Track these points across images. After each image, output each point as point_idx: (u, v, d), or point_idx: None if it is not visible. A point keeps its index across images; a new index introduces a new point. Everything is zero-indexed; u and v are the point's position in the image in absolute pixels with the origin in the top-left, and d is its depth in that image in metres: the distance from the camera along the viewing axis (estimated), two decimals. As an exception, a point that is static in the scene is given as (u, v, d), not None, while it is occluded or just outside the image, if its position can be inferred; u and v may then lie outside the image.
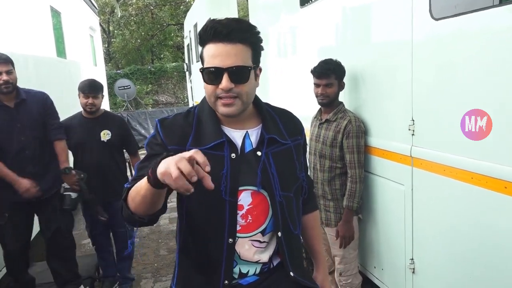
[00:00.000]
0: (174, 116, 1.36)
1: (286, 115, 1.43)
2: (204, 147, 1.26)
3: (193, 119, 1.32)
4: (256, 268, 1.35)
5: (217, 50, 1.20)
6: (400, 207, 2.20)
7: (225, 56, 1.19)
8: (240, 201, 1.29)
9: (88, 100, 3.03)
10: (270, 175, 1.30)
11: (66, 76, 5.95)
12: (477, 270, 1.73)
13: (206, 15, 6.79)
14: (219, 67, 1.19)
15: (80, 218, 5.07)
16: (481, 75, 1.61)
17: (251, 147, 1.31)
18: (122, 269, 3.39)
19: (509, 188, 1.50)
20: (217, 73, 1.19)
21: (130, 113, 11.36)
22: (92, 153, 3.07)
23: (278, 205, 1.31)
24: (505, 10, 1.48)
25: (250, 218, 1.31)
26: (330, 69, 2.40)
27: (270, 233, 1.34)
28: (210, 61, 1.21)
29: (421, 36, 1.93)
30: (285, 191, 1.33)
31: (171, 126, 1.32)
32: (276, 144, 1.32)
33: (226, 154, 1.27)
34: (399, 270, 2.30)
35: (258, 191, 1.30)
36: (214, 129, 1.28)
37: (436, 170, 1.90)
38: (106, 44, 19.92)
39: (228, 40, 1.19)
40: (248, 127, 1.32)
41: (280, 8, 3.75)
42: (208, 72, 1.21)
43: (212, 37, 1.20)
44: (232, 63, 1.19)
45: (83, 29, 7.85)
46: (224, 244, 1.29)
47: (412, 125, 2.03)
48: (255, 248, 1.33)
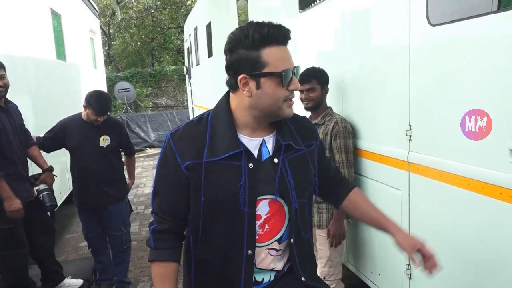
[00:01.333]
0: (184, 126, 1.32)
1: (299, 121, 1.41)
2: (221, 157, 1.24)
3: (207, 128, 1.28)
4: (270, 276, 1.35)
5: (282, 53, 1.22)
6: (397, 212, 2.20)
7: (289, 58, 1.23)
8: (258, 211, 1.28)
9: (97, 117, 3.00)
10: (287, 183, 1.29)
11: (66, 79, 5.95)
12: (473, 275, 1.73)
13: (207, 19, 6.81)
14: (291, 68, 1.22)
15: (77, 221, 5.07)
16: (478, 81, 1.61)
17: (268, 155, 1.29)
18: (119, 273, 3.38)
19: (504, 194, 1.50)
20: (292, 74, 1.22)
21: (130, 116, 11.37)
22: (89, 158, 3.06)
23: (294, 212, 1.30)
24: (501, 17, 1.49)
25: (267, 227, 1.30)
26: (310, 74, 2.48)
27: (286, 241, 1.33)
28: (281, 64, 1.20)
29: (419, 42, 1.94)
30: (300, 197, 1.32)
31: (185, 139, 1.28)
32: (292, 151, 1.31)
33: (243, 165, 1.25)
34: (395, 275, 2.29)
35: (276, 199, 1.29)
36: (231, 139, 1.25)
37: (432, 176, 1.90)
38: (107, 46, 19.95)
39: (284, 43, 1.23)
40: (264, 134, 1.30)
41: (279, 12, 3.76)
42: (286, 75, 1.21)
43: (274, 39, 1.20)
44: (294, 64, 1.24)
45: (83, 32, 7.86)
46: (243, 257, 1.27)
47: (409, 130, 2.04)
48: (272, 256, 1.32)
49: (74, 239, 4.85)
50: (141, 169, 8.47)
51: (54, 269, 3.21)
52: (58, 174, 4.94)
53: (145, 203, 5.98)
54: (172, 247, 1.33)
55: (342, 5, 2.63)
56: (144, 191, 6.73)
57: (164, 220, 1.33)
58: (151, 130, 11.12)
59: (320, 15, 2.92)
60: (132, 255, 3.63)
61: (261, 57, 1.19)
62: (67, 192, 5.32)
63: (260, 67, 1.19)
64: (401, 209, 2.17)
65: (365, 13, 2.41)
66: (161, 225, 1.33)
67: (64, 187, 5.21)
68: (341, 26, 2.71)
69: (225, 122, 1.27)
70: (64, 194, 5.22)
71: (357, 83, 2.50)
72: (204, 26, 7.02)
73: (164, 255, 1.32)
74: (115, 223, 3.20)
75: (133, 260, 3.99)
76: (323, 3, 2.83)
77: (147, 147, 10.97)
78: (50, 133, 3.16)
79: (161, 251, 1.32)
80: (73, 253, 4.44)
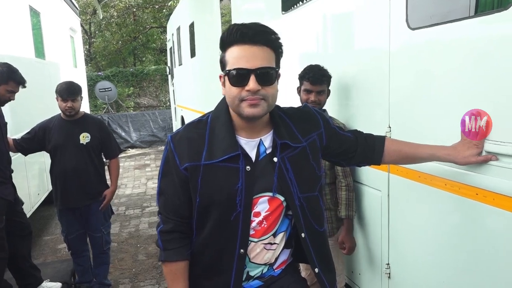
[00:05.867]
0: (184, 128, 1.36)
1: (298, 115, 1.41)
2: (218, 159, 1.26)
3: (206, 130, 1.31)
4: (263, 269, 1.39)
5: (243, 52, 1.19)
6: (377, 212, 2.24)
7: (251, 57, 1.19)
8: (256, 208, 1.30)
9: (67, 104, 2.98)
10: (288, 181, 1.31)
11: (45, 77, 5.83)
12: (451, 274, 1.76)
13: (189, 19, 6.78)
14: (247, 68, 1.18)
15: (56, 223, 4.98)
16: (455, 83, 1.65)
17: (265, 154, 1.31)
18: (99, 275, 3.34)
19: (480, 194, 1.54)
20: (245, 74, 1.18)
21: (111, 116, 11.21)
22: (70, 156, 3.02)
23: (298, 208, 1.32)
24: (477, 21, 1.53)
25: (265, 223, 1.32)
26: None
27: (281, 234, 1.37)
28: (235, 63, 1.20)
29: (398, 45, 1.97)
30: (306, 192, 1.34)
31: (184, 141, 1.31)
32: (290, 148, 1.32)
33: (241, 167, 1.27)
34: (375, 275, 2.33)
35: (274, 196, 1.31)
36: (229, 141, 1.27)
37: (411, 177, 1.93)
38: (87, 45, 19.64)
39: (254, 42, 1.19)
40: (262, 134, 1.32)
41: (262, 13, 3.78)
42: (234, 74, 1.20)
43: (239, 38, 1.19)
44: (260, 64, 1.19)
45: (63, 30, 7.72)
46: (235, 255, 1.31)
47: (389, 132, 2.07)
48: (266, 250, 1.36)
49: (52, 241, 4.75)
50: (122, 170, 8.34)
51: (31, 273, 3.14)
52: (37, 175, 4.88)
53: (126, 204, 5.90)
54: (179, 246, 1.37)
55: (324, 8, 2.66)
56: (125, 192, 6.65)
57: (169, 220, 1.37)
58: (133, 131, 10.99)
59: (302, 17, 2.94)
60: (112, 256, 3.59)
61: (225, 56, 1.23)
62: (46, 193, 5.22)
63: (224, 66, 1.24)
64: (381, 210, 2.20)
65: (347, 16, 2.44)
66: (167, 225, 1.37)
67: (42, 188, 5.11)
68: (323, 28, 2.74)
69: (223, 123, 1.29)
70: (42, 195, 5.12)
71: (340, 86, 2.53)
72: (187, 26, 6.98)
73: (173, 256, 1.36)
74: (96, 224, 3.16)
75: (114, 262, 3.94)
76: (306, 5, 2.86)
77: (128, 148, 10.84)
78: (29, 134, 3.11)
79: (169, 251, 1.36)
80: (52, 256, 4.35)
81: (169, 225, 1.37)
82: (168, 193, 1.36)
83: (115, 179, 3.27)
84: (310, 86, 2.35)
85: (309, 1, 2.81)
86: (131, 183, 7.34)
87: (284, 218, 1.36)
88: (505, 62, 1.41)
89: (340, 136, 1.49)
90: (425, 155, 1.52)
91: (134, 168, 8.60)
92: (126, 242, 4.58)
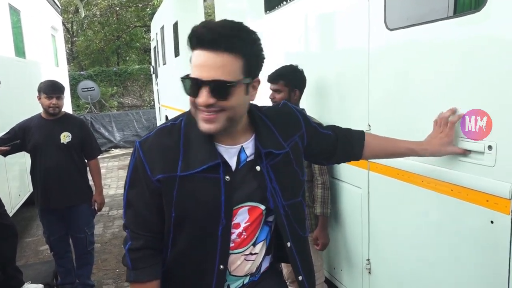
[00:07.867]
0: (155, 133, 1.20)
1: (279, 117, 1.30)
2: (197, 170, 1.14)
3: (180, 136, 1.18)
4: (243, 280, 1.31)
5: (199, 59, 1.05)
6: (358, 209, 2.28)
7: (207, 67, 1.03)
8: (236, 219, 1.20)
9: (51, 101, 2.95)
10: (271, 190, 1.21)
11: (26, 77, 5.74)
12: (429, 270, 1.81)
13: (173, 18, 6.75)
14: (198, 78, 1.04)
15: (38, 224, 4.91)
16: (433, 82, 1.69)
17: (245, 161, 1.20)
18: (82, 276, 3.31)
19: (455, 190, 1.59)
20: (196, 85, 1.05)
21: (94, 116, 11.09)
22: (51, 156, 2.98)
23: (284, 218, 1.25)
24: (454, 22, 1.57)
25: (245, 234, 1.23)
26: (279, 75, 2.38)
27: (261, 243, 1.28)
28: (192, 70, 1.07)
29: (377, 45, 2.01)
30: (290, 199, 1.26)
31: (155, 149, 1.17)
32: (273, 155, 1.22)
33: (221, 177, 1.16)
34: (356, 270, 2.37)
35: (256, 206, 1.22)
36: (207, 149, 1.14)
37: (390, 174, 1.98)
38: (70, 44, 19.36)
39: (213, 48, 1.03)
40: (242, 140, 1.20)
41: (246, 13, 3.79)
42: (186, 83, 1.07)
43: (196, 43, 1.05)
44: (212, 76, 1.03)
45: (44, 29, 7.60)
46: (214, 272, 1.21)
47: (368, 130, 2.11)
48: (246, 261, 1.27)
49: (34, 243, 4.69)
50: (105, 170, 8.27)
51: (13, 275, 3.09)
52: (17, 176, 4.80)
53: (110, 205, 5.85)
54: (151, 264, 1.23)
55: (306, 8, 2.69)
56: (108, 193, 6.59)
57: (139, 236, 1.22)
58: (116, 130, 10.88)
59: (285, 17, 2.97)
60: (95, 257, 3.56)
61: (191, 58, 1.10)
62: (27, 194, 5.14)
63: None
64: (361, 207, 2.24)
65: (328, 16, 2.48)
66: (137, 241, 1.22)
67: (23, 189, 5.04)
68: (305, 28, 2.77)
69: (199, 129, 1.12)
70: (23, 196, 5.04)
71: (320, 85, 2.56)
72: (171, 25, 6.95)
73: (143, 276, 1.22)
74: (79, 225, 3.14)
75: (97, 262, 3.91)
76: (288, 5, 2.88)
77: (112, 148, 10.73)
78: (9, 134, 3.06)
79: (139, 271, 1.22)
80: (33, 257, 4.29)
81: (139, 242, 1.22)
82: (137, 206, 1.21)
83: (98, 181, 3.23)
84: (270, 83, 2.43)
85: (291, 1, 2.84)
86: (115, 184, 7.28)
87: (263, 226, 1.28)
88: (480, 61, 1.46)
89: (320, 134, 1.43)
90: (404, 149, 1.55)
91: (118, 168, 8.52)
92: (109, 243, 4.54)
